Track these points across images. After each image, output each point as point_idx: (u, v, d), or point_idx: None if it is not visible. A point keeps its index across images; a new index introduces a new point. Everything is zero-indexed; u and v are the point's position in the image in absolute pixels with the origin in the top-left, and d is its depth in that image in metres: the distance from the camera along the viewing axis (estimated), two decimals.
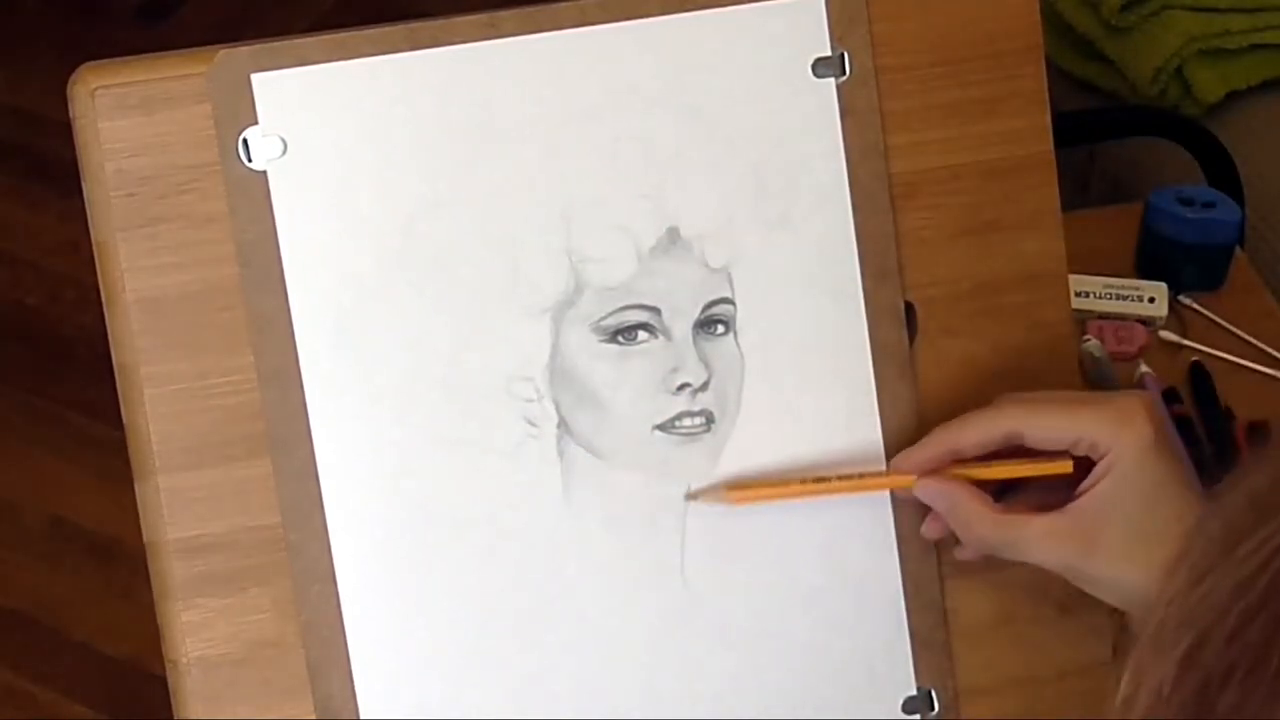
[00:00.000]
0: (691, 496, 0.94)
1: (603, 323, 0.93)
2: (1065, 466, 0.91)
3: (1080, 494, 0.91)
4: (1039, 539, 0.91)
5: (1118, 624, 0.98)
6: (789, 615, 0.96)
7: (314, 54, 0.90)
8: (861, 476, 0.95)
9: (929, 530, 0.95)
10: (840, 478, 0.95)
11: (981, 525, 0.92)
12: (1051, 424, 0.91)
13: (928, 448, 0.94)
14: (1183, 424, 1.36)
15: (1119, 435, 0.89)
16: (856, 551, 0.96)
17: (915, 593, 0.97)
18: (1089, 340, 1.40)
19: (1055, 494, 0.92)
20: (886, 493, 0.96)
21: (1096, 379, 1.38)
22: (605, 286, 0.93)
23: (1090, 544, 0.90)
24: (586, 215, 0.93)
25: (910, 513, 0.96)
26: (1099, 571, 0.90)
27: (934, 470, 0.93)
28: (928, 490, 0.93)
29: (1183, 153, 1.74)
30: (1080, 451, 0.91)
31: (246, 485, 0.91)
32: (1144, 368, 1.39)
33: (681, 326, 0.94)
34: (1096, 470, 0.90)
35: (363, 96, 0.91)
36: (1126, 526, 0.89)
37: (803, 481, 0.94)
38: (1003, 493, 0.94)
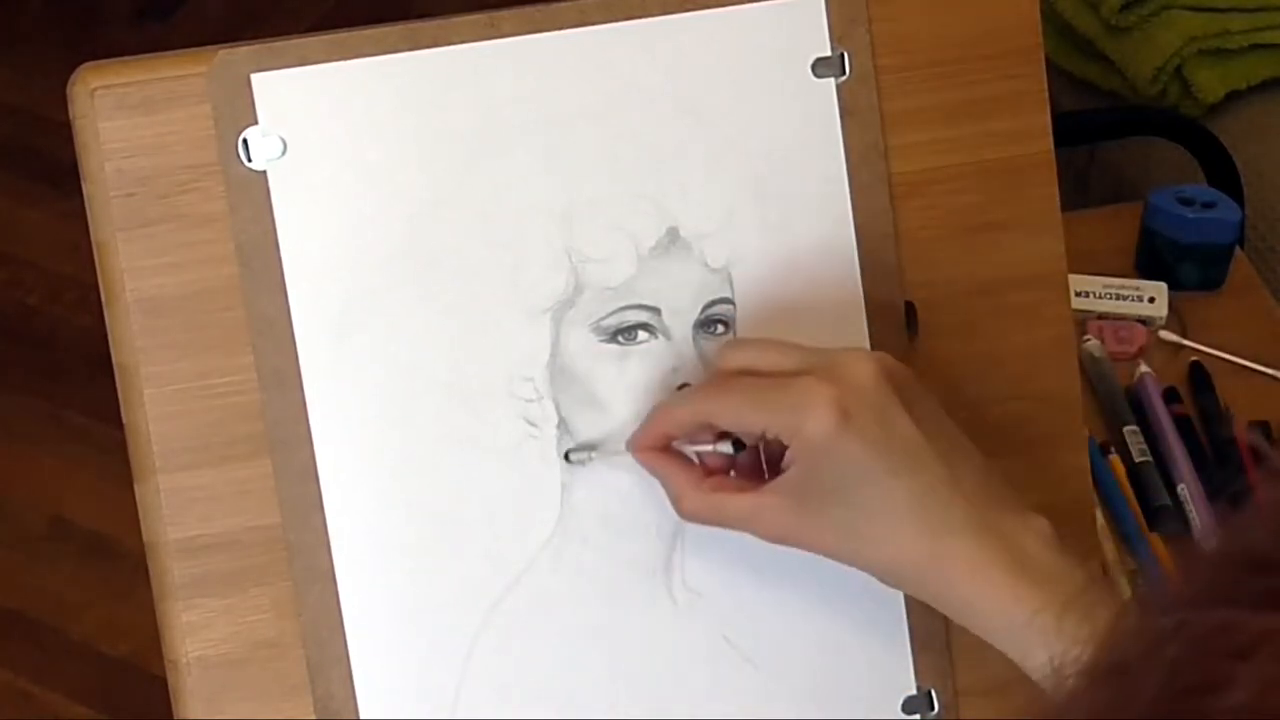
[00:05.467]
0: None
1: (603, 323, 0.93)
2: None
3: (787, 466, 0.89)
4: (743, 517, 0.90)
5: None
6: (788, 615, 0.96)
7: (314, 54, 0.90)
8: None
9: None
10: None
11: (688, 500, 0.91)
12: (738, 415, 0.89)
13: (647, 429, 0.92)
14: (1183, 424, 1.36)
15: (798, 430, 0.87)
16: None
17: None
18: (1089, 340, 1.40)
19: None
20: None
21: (1096, 379, 1.38)
22: (605, 286, 0.93)
23: (795, 526, 0.88)
24: (586, 215, 0.93)
25: None
26: (814, 549, 0.89)
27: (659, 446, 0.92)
28: (643, 463, 0.93)
29: (1183, 153, 1.74)
30: (771, 440, 0.89)
31: (246, 485, 0.91)
32: (1144, 368, 1.40)
33: (681, 326, 0.94)
34: (785, 457, 0.88)
35: (363, 96, 0.91)
36: (828, 514, 0.88)
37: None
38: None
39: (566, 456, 0.93)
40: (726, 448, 0.91)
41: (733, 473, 0.92)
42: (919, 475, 0.87)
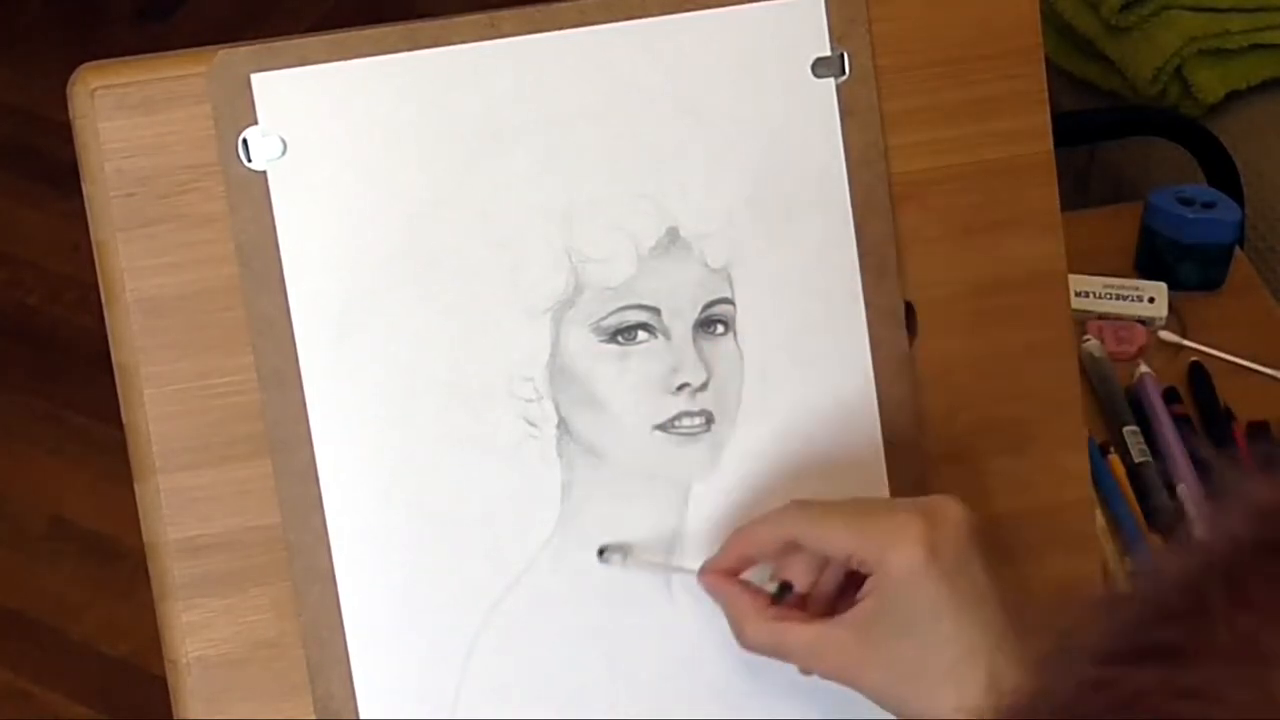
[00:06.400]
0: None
1: (603, 323, 0.93)
2: None
3: (848, 609, 0.88)
4: (805, 650, 0.89)
5: None
6: None
7: (314, 54, 0.90)
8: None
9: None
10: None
11: (750, 628, 0.90)
12: (827, 537, 0.89)
13: (725, 553, 0.92)
14: (1183, 424, 1.36)
15: (884, 557, 0.86)
16: None
17: None
18: (1089, 340, 1.40)
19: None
20: None
21: (1096, 379, 1.38)
22: (605, 286, 0.93)
23: (856, 661, 0.88)
24: (586, 215, 0.93)
25: None
26: (869, 689, 0.88)
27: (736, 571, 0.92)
28: (708, 587, 0.92)
29: (1183, 153, 1.74)
30: (854, 566, 0.88)
31: (246, 485, 0.91)
32: (1144, 368, 1.39)
33: (681, 326, 0.94)
34: (864, 588, 0.88)
35: (363, 96, 0.91)
36: (892, 649, 0.87)
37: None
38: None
39: (600, 552, 0.93)
40: (772, 587, 0.90)
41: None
42: (988, 628, 0.86)
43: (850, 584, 0.89)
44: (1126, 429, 1.35)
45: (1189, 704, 0.47)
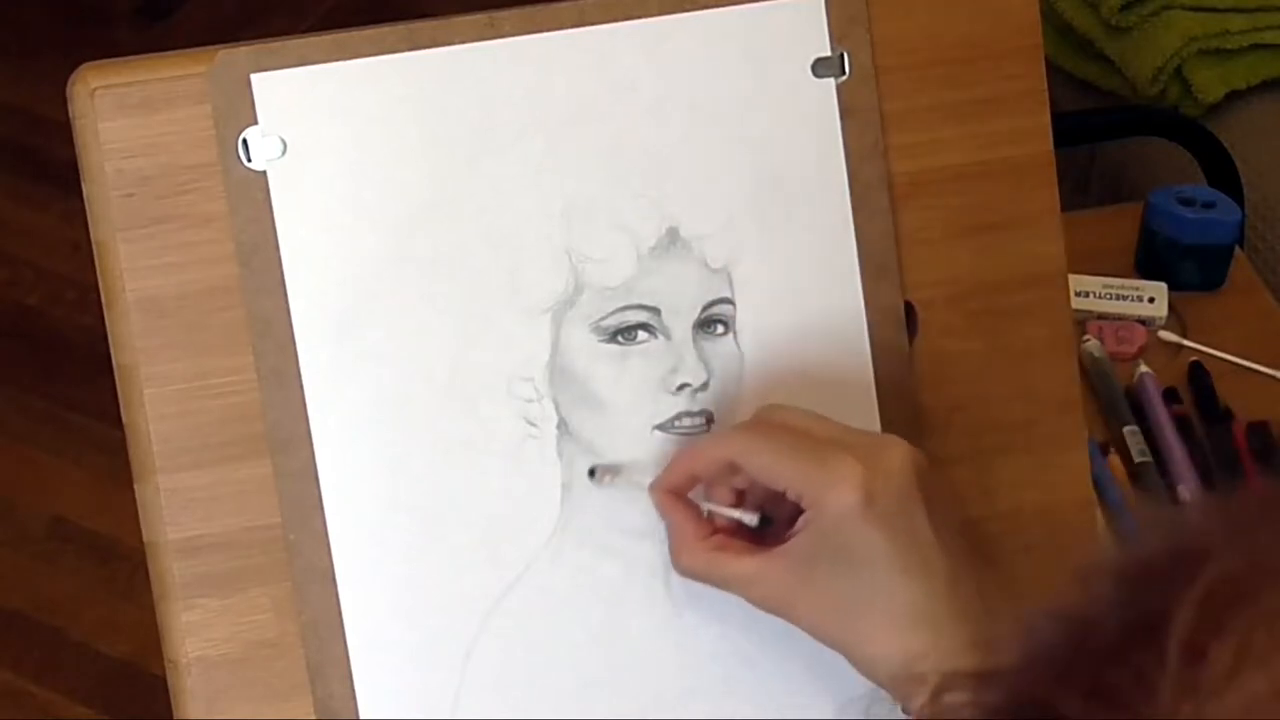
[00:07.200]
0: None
1: (603, 323, 0.93)
2: None
3: (784, 540, 0.88)
4: (741, 580, 0.89)
5: None
6: None
7: (314, 54, 0.90)
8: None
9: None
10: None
11: (687, 553, 0.91)
12: (768, 467, 0.89)
13: (671, 469, 0.92)
14: (1183, 424, 1.36)
15: (821, 496, 0.86)
16: None
17: None
18: (1089, 340, 1.40)
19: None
20: None
21: (1096, 379, 1.38)
22: (605, 286, 0.93)
23: (791, 596, 0.88)
24: (586, 215, 0.93)
25: None
26: (805, 625, 0.88)
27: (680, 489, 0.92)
28: (657, 504, 0.92)
29: (1183, 153, 1.74)
30: (792, 499, 0.88)
31: (246, 485, 0.91)
32: (1144, 368, 1.40)
33: (681, 326, 0.94)
34: (799, 522, 0.88)
35: (362, 96, 0.91)
36: (828, 587, 0.87)
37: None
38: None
39: (591, 472, 0.93)
40: (752, 519, 0.90)
41: None
42: (926, 580, 0.86)
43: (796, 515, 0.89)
44: (1126, 429, 1.35)
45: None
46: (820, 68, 0.95)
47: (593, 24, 0.93)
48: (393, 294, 0.91)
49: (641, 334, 0.94)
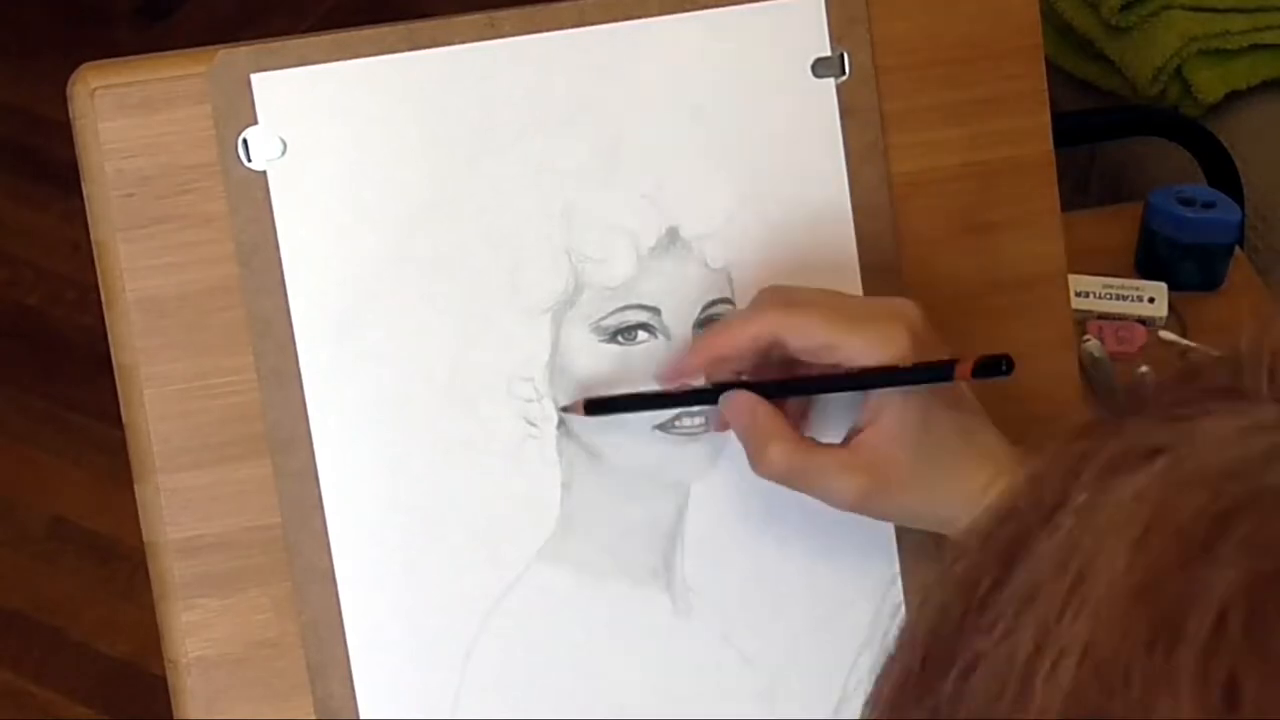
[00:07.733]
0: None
1: (603, 323, 0.93)
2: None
3: (861, 429, 0.87)
4: (834, 472, 0.87)
5: None
6: (787, 614, 0.96)
7: (314, 54, 0.90)
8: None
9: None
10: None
11: (776, 448, 0.87)
12: (810, 334, 0.86)
13: (695, 349, 0.90)
14: None
15: (879, 359, 0.85)
16: (855, 552, 0.96)
17: (915, 592, 0.97)
18: (1089, 340, 1.40)
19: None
20: None
21: (1096, 379, 1.38)
22: (605, 286, 0.93)
23: (882, 480, 0.87)
24: (586, 215, 0.93)
25: None
26: (892, 507, 0.88)
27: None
28: (731, 404, 0.89)
29: (1183, 153, 1.74)
30: (843, 367, 0.86)
31: (246, 485, 0.91)
32: (1144, 368, 1.40)
33: (681, 327, 0.94)
34: (870, 404, 0.87)
35: (362, 96, 0.91)
36: (913, 459, 0.86)
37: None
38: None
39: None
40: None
41: None
42: (975, 412, 0.89)
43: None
44: None
45: None
46: (820, 68, 0.95)
47: (593, 24, 0.93)
48: (393, 294, 0.91)
49: (641, 334, 0.94)
